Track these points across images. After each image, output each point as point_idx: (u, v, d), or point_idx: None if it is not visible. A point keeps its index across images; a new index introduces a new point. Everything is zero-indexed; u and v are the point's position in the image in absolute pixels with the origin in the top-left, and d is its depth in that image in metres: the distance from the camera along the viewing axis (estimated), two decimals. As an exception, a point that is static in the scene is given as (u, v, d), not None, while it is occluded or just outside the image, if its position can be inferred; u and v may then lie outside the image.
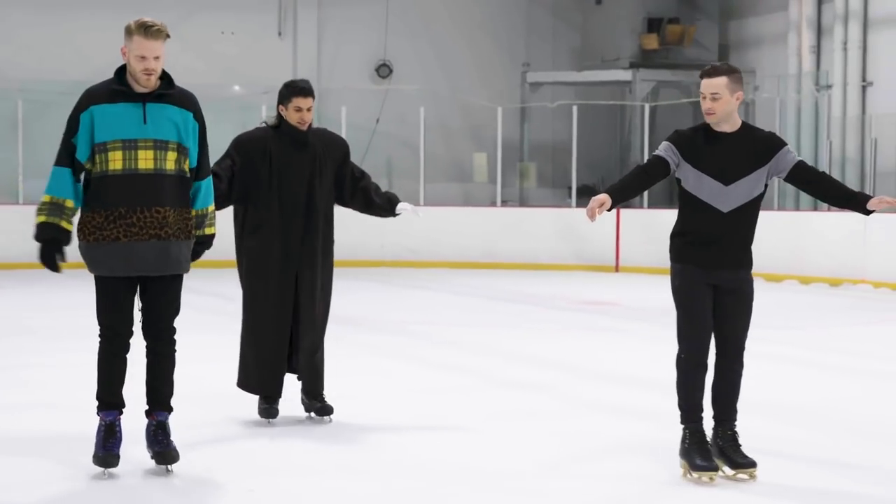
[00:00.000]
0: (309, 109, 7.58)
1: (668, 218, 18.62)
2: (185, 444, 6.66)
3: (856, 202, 6.37)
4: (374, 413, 8.03)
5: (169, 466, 6.39)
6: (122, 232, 6.19)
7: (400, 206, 7.93)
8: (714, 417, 6.48)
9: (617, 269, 21.10)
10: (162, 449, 6.38)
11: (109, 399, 6.34)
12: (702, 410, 6.39)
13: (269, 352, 7.60)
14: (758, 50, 23.28)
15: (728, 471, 6.40)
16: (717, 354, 6.42)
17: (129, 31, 6.19)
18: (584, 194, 23.71)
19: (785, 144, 6.44)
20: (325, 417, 7.74)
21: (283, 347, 7.63)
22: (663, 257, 6.66)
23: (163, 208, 6.23)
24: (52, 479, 6.27)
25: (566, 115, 22.56)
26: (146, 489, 6.14)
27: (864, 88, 20.42)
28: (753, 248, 6.42)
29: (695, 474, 6.33)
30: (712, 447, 6.41)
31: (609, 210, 6.31)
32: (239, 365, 7.75)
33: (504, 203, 23.29)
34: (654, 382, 9.58)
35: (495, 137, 22.72)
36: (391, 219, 8.24)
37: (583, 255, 21.29)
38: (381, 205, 7.88)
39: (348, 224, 19.79)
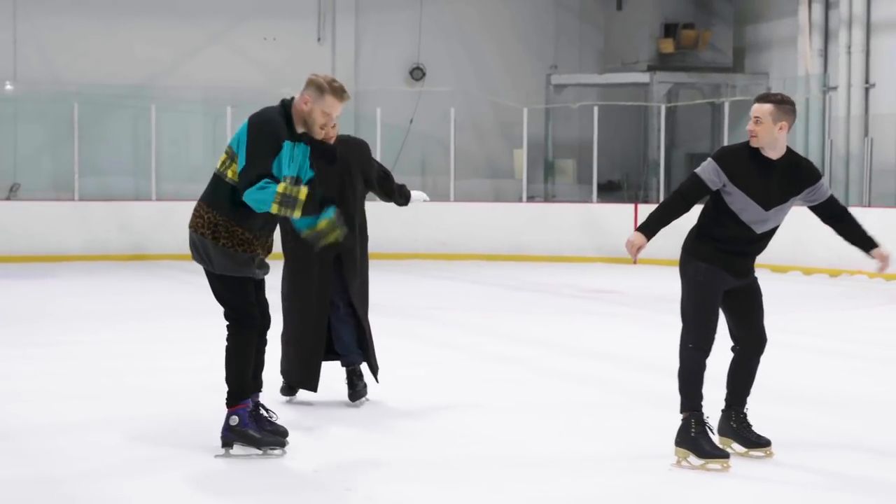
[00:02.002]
0: (333, 126, 8.01)
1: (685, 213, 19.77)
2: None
3: (864, 247, 6.75)
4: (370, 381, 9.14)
5: (285, 440, 6.93)
6: (260, 247, 6.82)
7: (413, 196, 8.72)
8: (727, 400, 6.81)
9: (635, 261, 22.10)
10: (272, 427, 6.96)
11: (250, 384, 6.86)
12: (702, 398, 6.63)
13: (308, 346, 8.19)
14: (770, 53, 24.17)
15: (739, 448, 6.78)
16: (742, 345, 6.78)
17: (321, 88, 6.66)
18: (607, 190, 24.84)
19: (821, 178, 6.64)
20: (359, 401, 8.38)
21: (321, 345, 8.22)
22: (679, 250, 6.56)
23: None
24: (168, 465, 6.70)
25: (589, 115, 23.62)
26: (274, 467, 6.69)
27: (866, 90, 21.41)
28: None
29: (701, 461, 6.55)
30: (724, 430, 6.80)
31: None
32: (282, 355, 8.33)
33: (531, 199, 24.41)
34: (620, 357, 10.95)
35: (521, 136, 23.90)
36: (424, 214, 8.79)
37: (604, 248, 22.30)
38: (398, 198, 8.68)
39: (383, 218, 21.16)
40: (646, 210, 21.95)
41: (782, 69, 23.36)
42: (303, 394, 8.50)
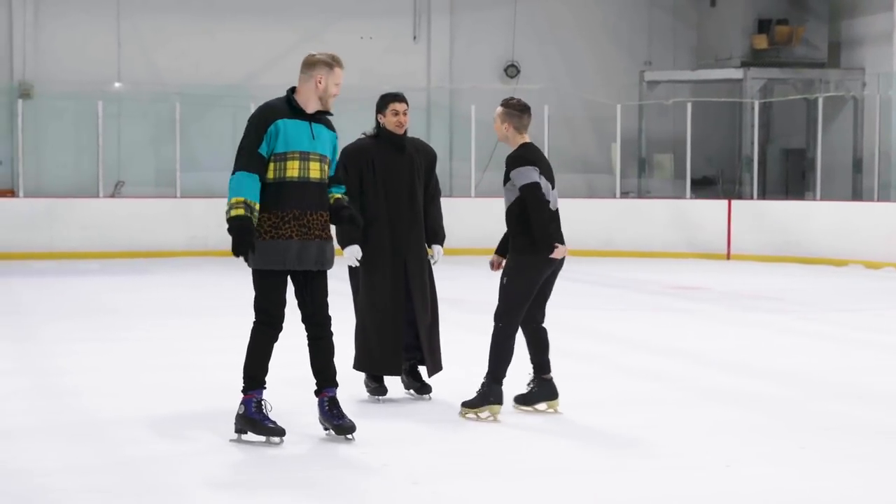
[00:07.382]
0: (405, 113, 8.34)
1: (778, 208, 20.00)
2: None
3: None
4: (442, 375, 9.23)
5: (350, 435, 7.22)
6: (294, 231, 7.11)
7: (433, 249, 8.68)
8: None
9: (728, 256, 22.12)
10: (340, 422, 7.25)
11: (263, 377, 7.24)
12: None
13: (389, 334, 8.36)
14: (865, 48, 23.97)
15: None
16: None
17: (329, 65, 7.18)
18: (701, 185, 24.89)
19: (515, 167, 7.76)
20: (426, 395, 8.59)
21: (401, 330, 8.40)
22: (773, 246, 6.85)
23: (325, 212, 7.25)
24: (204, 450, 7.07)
25: (682, 111, 23.67)
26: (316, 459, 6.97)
27: (962, 86, 21.28)
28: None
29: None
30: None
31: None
32: (359, 349, 8.45)
33: (625, 195, 24.52)
34: (684, 352, 11.06)
35: (615, 133, 24.04)
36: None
37: (695, 244, 22.39)
38: (427, 233, 8.65)
39: (463, 215, 21.20)
40: (739, 206, 21.99)
41: (877, 65, 23.17)
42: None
